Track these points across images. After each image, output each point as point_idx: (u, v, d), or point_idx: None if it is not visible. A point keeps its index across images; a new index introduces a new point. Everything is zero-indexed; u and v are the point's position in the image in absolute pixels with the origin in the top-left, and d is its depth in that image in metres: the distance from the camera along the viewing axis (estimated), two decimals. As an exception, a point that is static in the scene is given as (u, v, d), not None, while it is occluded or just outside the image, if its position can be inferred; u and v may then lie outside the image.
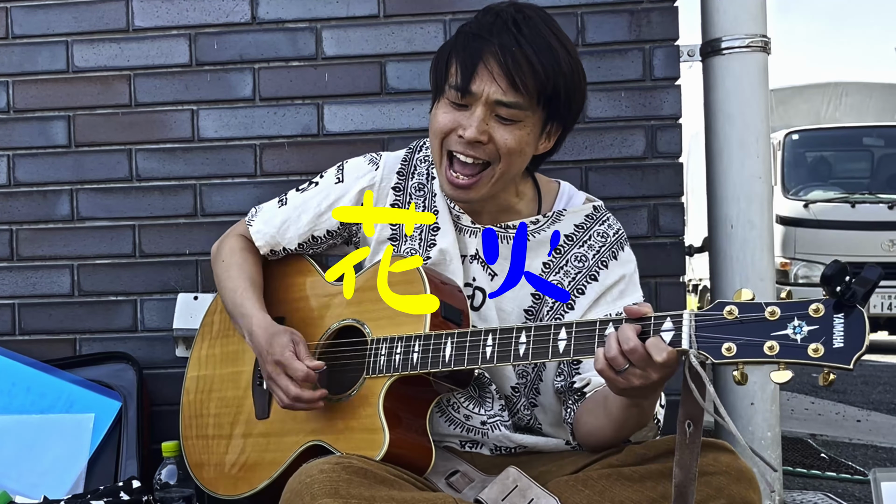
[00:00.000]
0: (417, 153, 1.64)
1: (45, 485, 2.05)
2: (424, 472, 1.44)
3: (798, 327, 1.07)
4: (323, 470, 1.26)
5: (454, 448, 1.56)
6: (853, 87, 9.80)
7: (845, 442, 3.52)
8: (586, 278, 1.53)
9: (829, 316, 1.06)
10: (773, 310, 1.09)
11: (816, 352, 1.05)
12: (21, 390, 2.18)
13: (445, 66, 1.45)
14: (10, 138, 2.39)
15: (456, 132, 1.43)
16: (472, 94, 1.40)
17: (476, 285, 1.55)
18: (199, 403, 1.78)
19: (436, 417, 1.55)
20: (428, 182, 1.60)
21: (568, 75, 1.42)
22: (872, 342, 7.43)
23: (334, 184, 1.65)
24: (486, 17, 1.43)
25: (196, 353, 1.82)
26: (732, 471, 1.27)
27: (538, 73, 1.38)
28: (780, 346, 1.07)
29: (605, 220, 1.57)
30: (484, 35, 1.40)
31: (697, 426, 1.15)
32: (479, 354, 1.34)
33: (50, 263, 2.38)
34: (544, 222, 1.55)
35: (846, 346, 1.04)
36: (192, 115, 2.34)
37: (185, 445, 1.78)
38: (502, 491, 1.38)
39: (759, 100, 2.21)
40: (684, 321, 1.15)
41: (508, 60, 1.37)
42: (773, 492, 2.17)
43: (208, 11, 2.34)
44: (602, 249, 1.54)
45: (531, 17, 1.43)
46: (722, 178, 2.22)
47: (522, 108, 1.41)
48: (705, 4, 2.26)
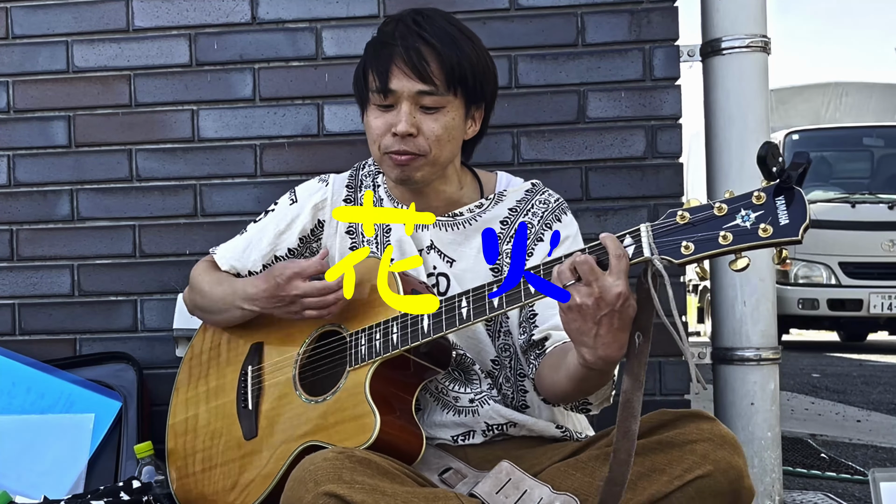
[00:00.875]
0: (362, 170, 1.75)
1: (45, 485, 2.05)
2: (416, 459, 1.45)
3: (745, 215, 1.15)
4: (327, 458, 1.28)
5: (447, 445, 1.58)
6: (853, 87, 9.81)
7: (845, 442, 3.52)
8: (534, 241, 1.60)
9: (771, 200, 1.14)
10: (720, 206, 1.17)
11: (766, 231, 1.13)
12: (21, 390, 2.18)
13: (364, 78, 1.57)
14: (11, 138, 2.39)
15: (389, 131, 1.53)
16: (392, 91, 1.51)
17: (438, 272, 1.62)
18: (186, 444, 1.76)
19: (430, 405, 1.58)
20: (374, 191, 1.70)
21: (473, 58, 1.53)
22: (872, 342, 7.48)
23: (289, 205, 1.73)
24: (388, 26, 1.56)
25: (175, 399, 1.82)
26: (715, 437, 1.31)
27: (443, 59, 1.50)
28: (732, 234, 1.16)
29: (545, 191, 1.67)
30: (388, 41, 1.53)
31: (646, 337, 1.24)
32: (455, 316, 1.39)
33: (50, 263, 2.38)
34: (488, 204, 1.64)
35: (791, 222, 1.12)
36: (193, 115, 2.34)
37: (175, 487, 1.75)
38: (496, 485, 1.40)
39: (759, 100, 2.21)
40: (642, 232, 1.22)
41: (413, 56, 1.49)
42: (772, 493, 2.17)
43: (208, 11, 2.34)
44: (545, 214, 1.63)
45: (430, 16, 1.55)
46: (722, 179, 2.22)
47: (440, 94, 1.51)
48: (705, 4, 2.26)
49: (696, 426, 1.33)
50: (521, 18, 2.27)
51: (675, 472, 1.30)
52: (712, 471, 1.28)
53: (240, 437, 1.65)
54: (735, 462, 1.29)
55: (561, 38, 2.26)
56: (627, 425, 1.23)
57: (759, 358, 2.17)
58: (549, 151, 2.26)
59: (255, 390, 1.65)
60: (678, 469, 1.30)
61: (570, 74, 2.27)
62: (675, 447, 1.31)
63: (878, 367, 6.92)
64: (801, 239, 1.13)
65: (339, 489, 1.22)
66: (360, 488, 1.23)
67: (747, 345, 2.18)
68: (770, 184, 1.15)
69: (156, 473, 1.80)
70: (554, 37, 2.26)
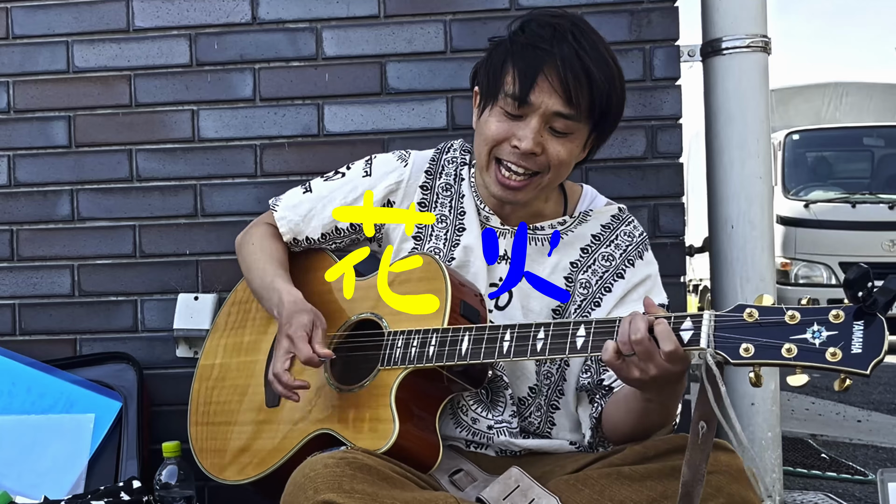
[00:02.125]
0: (445, 154, 1.66)
1: (45, 485, 2.05)
2: (430, 469, 1.44)
3: (817, 332, 1.08)
4: (327, 465, 1.27)
5: (459, 448, 1.57)
6: (853, 87, 9.79)
7: (846, 442, 3.52)
8: (613, 276, 1.55)
9: (849, 322, 1.07)
10: (793, 314, 1.10)
11: (834, 356, 1.06)
12: (21, 390, 2.18)
13: (500, 72, 1.44)
14: (11, 138, 2.39)
15: (509, 142, 1.45)
16: (529, 104, 1.41)
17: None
18: (210, 391, 1.78)
19: (446, 418, 1.56)
20: (455, 182, 1.62)
21: (620, 92, 1.45)
22: (873, 342, 7.25)
23: (362, 177, 1.65)
24: (543, 30, 1.42)
25: (212, 342, 1.83)
26: (732, 470, 1.28)
27: (597, 87, 1.40)
28: (797, 348, 1.08)
29: (631, 222, 1.61)
30: (543, 46, 1.40)
31: (711, 427, 1.16)
32: (496, 348, 1.35)
33: (50, 263, 2.38)
34: (571, 223, 1.58)
35: (864, 353, 1.05)
36: (193, 115, 2.34)
37: (191, 432, 1.78)
38: (504, 490, 1.39)
39: (759, 100, 2.21)
40: (704, 320, 1.16)
41: (569, 74, 1.38)
42: (769, 496, 2.17)
43: (208, 11, 2.34)
44: (629, 249, 1.57)
45: (587, 31, 1.43)
46: (722, 179, 2.22)
47: (577, 120, 1.43)
48: (705, 4, 2.26)
49: (713, 456, 1.27)
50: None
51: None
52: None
53: (262, 402, 1.65)
54: (749, 497, 1.27)
55: (561, 38, 2.26)
56: None
57: (760, 358, 2.17)
58: (549, 151, 2.26)
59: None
60: None
61: (570, 74, 2.26)
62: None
63: (879, 367, 6.91)
64: (869, 374, 1.05)
65: (338, 498, 1.21)
66: (359, 498, 1.22)
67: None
68: (850, 304, 1.08)
69: (178, 475, 1.80)
70: (554, 37, 2.26)
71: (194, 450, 1.76)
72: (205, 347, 1.84)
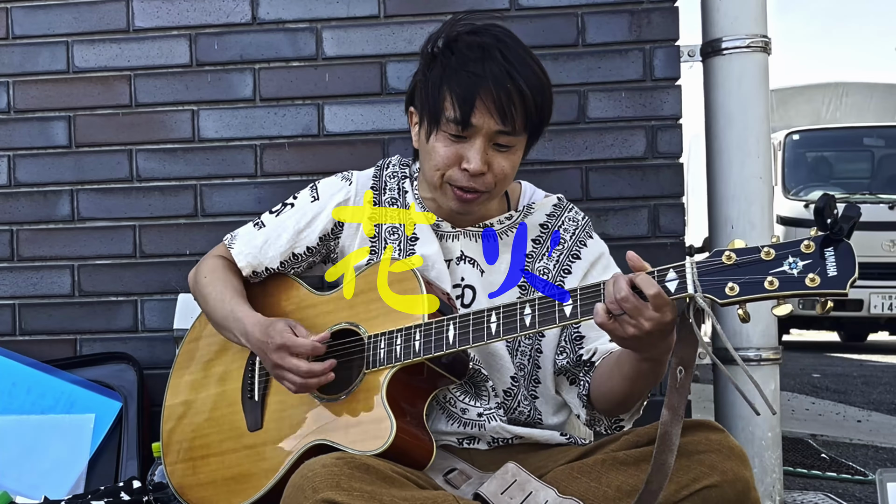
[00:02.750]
0: (385, 170, 1.71)
1: (45, 485, 2.05)
2: (424, 466, 1.45)
3: (793, 263, 1.16)
4: (325, 465, 1.27)
5: (452, 446, 1.57)
6: (854, 88, 9.80)
7: (846, 442, 3.51)
8: (569, 258, 1.62)
9: (820, 250, 1.14)
10: (769, 250, 1.17)
11: (813, 281, 1.13)
12: (22, 391, 2.18)
13: (438, 98, 1.49)
14: (11, 139, 2.39)
15: (459, 164, 1.50)
16: (472, 126, 1.47)
17: (465, 284, 1.60)
18: (179, 430, 1.74)
19: (435, 414, 1.57)
20: (400, 196, 1.66)
21: (550, 99, 1.53)
22: (873, 342, 7.46)
23: (310, 202, 1.69)
24: (472, 51, 1.47)
25: (175, 381, 1.79)
26: (723, 448, 1.32)
27: (530, 102, 1.47)
28: (779, 280, 1.16)
29: (572, 208, 1.68)
30: (475, 70, 1.46)
31: (688, 371, 1.24)
32: (483, 331, 1.39)
33: (50, 264, 2.38)
34: (517, 216, 1.64)
35: (840, 274, 1.13)
36: (193, 115, 2.34)
37: (168, 472, 1.72)
38: (501, 485, 1.40)
39: (759, 100, 2.21)
40: (687, 268, 1.22)
41: (502, 96, 1.45)
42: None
43: (209, 12, 2.34)
44: (577, 231, 1.64)
45: (512, 46, 1.49)
46: (722, 179, 2.22)
47: (517, 134, 1.50)
48: (705, 5, 2.26)
49: (705, 436, 1.33)
50: (521, 18, 2.27)
51: (682, 480, 1.29)
52: (720, 481, 1.29)
53: (243, 428, 1.63)
54: (743, 474, 1.30)
55: (561, 38, 2.26)
56: (664, 458, 1.23)
57: (760, 358, 2.17)
58: (549, 151, 2.26)
59: (262, 382, 1.64)
60: (686, 478, 1.29)
61: (570, 74, 2.27)
62: (683, 456, 1.30)
63: (879, 367, 6.91)
64: (847, 292, 1.13)
65: (338, 496, 1.22)
66: (358, 495, 1.22)
67: (748, 345, 2.18)
68: (819, 234, 1.15)
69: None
70: (554, 37, 2.26)
71: (175, 487, 1.69)
72: (168, 388, 1.79)
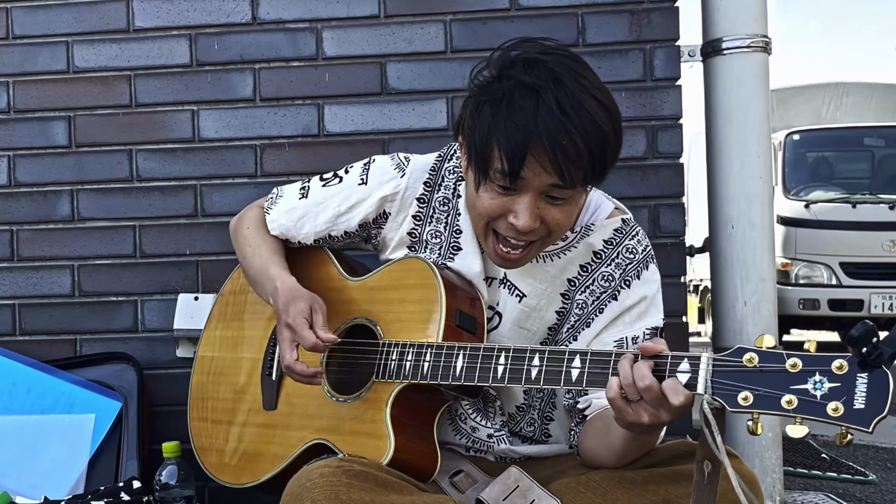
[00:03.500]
0: (447, 162, 1.58)
1: (45, 485, 2.05)
2: (429, 478, 1.43)
3: (819, 383, 1.04)
4: (323, 474, 1.25)
5: (459, 451, 1.57)
6: (854, 88, 9.79)
7: (846, 442, 3.51)
8: (609, 297, 1.50)
9: (853, 374, 1.02)
10: (795, 362, 1.06)
11: (836, 411, 1.02)
12: (22, 391, 2.18)
13: (486, 147, 1.33)
14: (11, 139, 2.39)
15: (506, 218, 1.37)
16: (522, 179, 1.32)
17: (498, 310, 1.53)
18: (207, 385, 1.77)
19: (444, 424, 1.55)
20: (454, 198, 1.55)
21: (613, 144, 1.33)
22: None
23: (357, 184, 1.60)
24: (523, 98, 1.28)
25: (209, 332, 1.81)
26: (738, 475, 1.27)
27: (590, 157, 1.30)
28: (798, 400, 1.04)
29: (635, 235, 1.52)
30: (527, 124, 1.27)
31: (715, 467, 1.13)
32: (490, 373, 1.32)
33: (50, 264, 2.38)
34: (572, 238, 1.50)
35: (867, 408, 1.01)
36: (193, 115, 2.34)
37: (191, 426, 1.78)
38: (504, 491, 1.39)
39: (759, 100, 2.21)
40: (702, 365, 1.12)
41: (558, 154, 1.28)
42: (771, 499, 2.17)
43: (209, 11, 2.34)
44: (629, 268, 1.50)
45: (567, 86, 1.29)
46: (723, 179, 2.22)
47: (574, 188, 1.35)
48: (706, 5, 2.25)
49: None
50: (521, 18, 2.26)
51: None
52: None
53: (259, 404, 1.65)
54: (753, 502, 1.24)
55: (561, 38, 2.25)
56: None
57: (760, 358, 2.17)
58: (549, 151, 2.26)
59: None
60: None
61: (570, 74, 2.26)
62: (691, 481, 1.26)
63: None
64: (871, 432, 1.01)
65: None
66: None
67: (748, 345, 2.17)
68: (853, 356, 1.03)
69: (178, 475, 1.80)
70: (554, 37, 2.21)
71: (195, 446, 1.75)
72: (202, 338, 1.83)
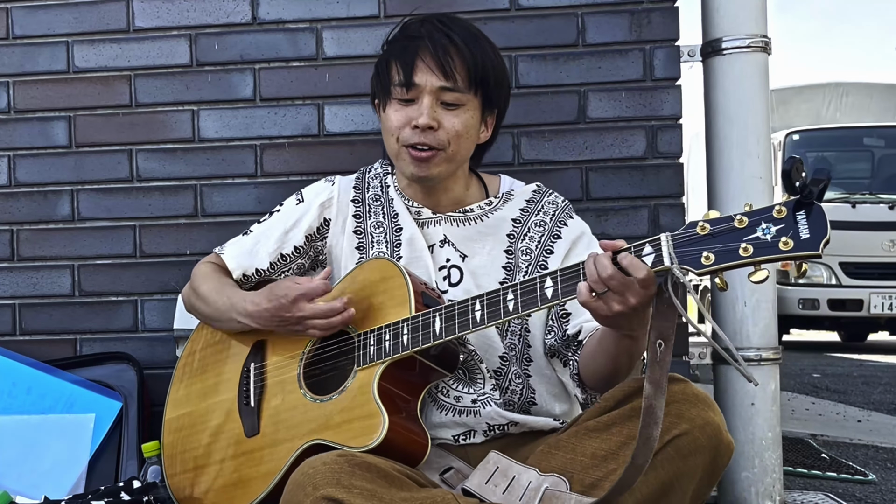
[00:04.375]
0: (367, 173, 1.76)
1: (45, 485, 2.05)
2: (420, 461, 1.46)
3: (766, 229, 1.16)
4: (326, 462, 1.28)
5: (448, 444, 1.58)
6: (854, 88, 9.80)
7: (846, 442, 3.51)
8: (550, 238, 1.65)
9: (792, 214, 1.16)
10: (741, 218, 1.18)
11: (787, 245, 1.14)
12: (22, 391, 2.18)
13: (386, 70, 1.60)
14: (11, 139, 2.39)
15: (409, 125, 1.56)
16: (416, 86, 1.55)
17: (451, 264, 1.64)
18: (177, 442, 1.76)
19: (428, 407, 1.58)
20: (383, 191, 1.72)
21: (494, 61, 1.60)
22: (873, 342, 7.45)
23: (295, 205, 1.74)
24: (414, 24, 1.61)
25: (173, 395, 1.81)
26: (688, 396, 1.33)
27: (468, 58, 1.55)
28: (753, 247, 1.16)
29: (552, 193, 1.71)
30: (414, 35, 1.58)
31: (668, 344, 1.24)
32: (468, 319, 1.41)
33: (50, 264, 2.38)
34: (497, 202, 1.68)
35: (812, 236, 1.14)
36: (193, 115, 2.34)
37: (170, 484, 1.75)
38: (485, 475, 1.41)
39: (759, 100, 2.21)
40: (662, 242, 1.23)
41: (439, 51, 1.54)
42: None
43: (209, 12, 2.34)
44: (556, 213, 1.67)
45: (454, 19, 1.62)
46: (722, 179, 2.22)
47: (462, 90, 1.56)
48: (705, 5, 2.26)
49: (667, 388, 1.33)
50: (521, 18, 2.27)
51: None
52: (689, 429, 1.30)
53: (240, 434, 1.65)
54: (710, 418, 1.31)
55: (561, 39, 2.26)
56: (649, 431, 1.23)
57: (760, 358, 2.17)
58: (549, 151, 2.26)
59: (257, 388, 1.65)
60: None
61: (570, 74, 2.27)
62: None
63: (879, 367, 6.91)
64: (821, 253, 1.14)
65: (338, 493, 1.23)
66: (358, 493, 1.23)
67: (748, 345, 2.18)
68: (790, 198, 1.17)
69: (161, 473, 1.81)
70: (554, 37, 2.26)
71: (177, 499, 1.72)
72: (167, 403, 1.82)
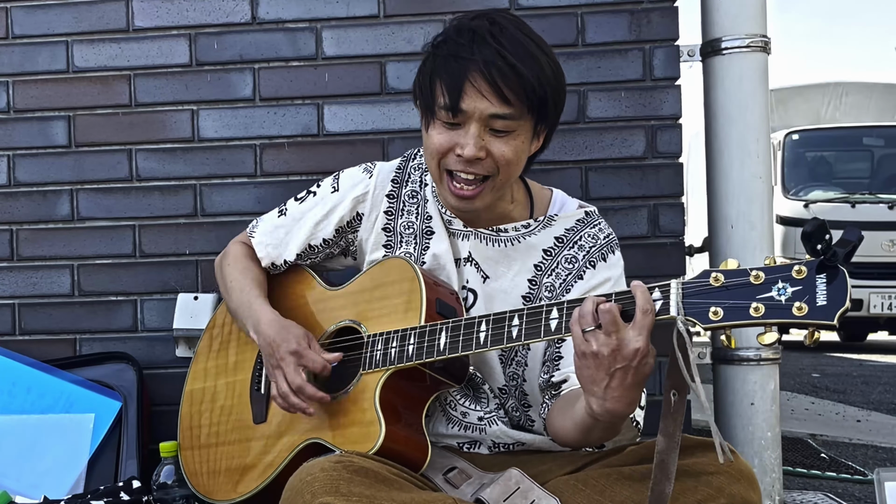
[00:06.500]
0: (412, 161, 1.68)
1: (45, 485, 2.05)
2: (420, 468, 1.45)
3: (782, 289, 1.10)
4: (324, 468, 1.27)
5: (453, 447, 1.57)
6: (853, 87, 9.79)
7: (845, 442, 3.51)
8: (574, 278, 1.55)
9: (812, 277, 1.08)
10: (758, 274, 1.11)
11: (800, 310, 1.07)
12: (21, 390, 2.18)
13: (430, 89, 1.45)
14: (11, 138, 2.39)
15: (454, 151, 1.45)
16: (463, 112, 1.42)
17: (469, 287, 1.58)
18: (196, 415, 1.78)
19: (436, 416, 1.57)
20: (421, 189, 1.63)
21: (552, 79, 1.44)
22: (872, 342, 7.46)
23: (330, 193, 1.68)
24: (462, 37, 1.42)
25: (197, 366, 1.84)
26: (733, 471, 1.28)
27: (525, 81, 1.40)
28: (765, 307, 1.10)
29: (597, 224, 1.60)
30: (464, 54, 1.40)
31: (682, 396, 1.18)
32: (472, 340, 1.37)
33: (50, 263, 2.38)
34: (535, 226, 1.58)
35: (829, 304, 1.06)
36: (192, 115, 2.34)
37: (182, 456, 1.78)
38: (504, 492, 1.39)
39: (759, 100, 2.21)
40: (672, 289, 1.17)
41: (494, 74, 1.38)
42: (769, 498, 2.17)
43: (208, 11, 2.34)
44: (592, 250, 1.56)
45: (506, 28, 1.42)
46: (722, 179, 2.22)
47: (515, 118, 1.43)
48: (705, 4, 2.26)
49: (713, 457, 1.24)
50: (521, 18, 2.26)
51: (687, 502, 1.26)
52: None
53: (249, 420, 1.66)
54: (750, 498, 1.26)
55: (561, 38, 2.26)
56: (661, 488, 1.19)
57: (759, 358, 2.17)
58: (549, 151, 2.22)
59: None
60: (691, 499, 1.26)
61: (570, 74, 2.24)
62: (690, 477, 1.27)
63: (878, 367, 6.92)
64: (836, 324, 1.06)
65: (336, 501, 1.22)
66: (356, 500, 1.22)
67: (747, 344, 2.18)
68: (813, 259, 1.09)
69: (174, 474, 1.80)
70: (554, 37, 2.26)
71: (186, 474, 1.75)
72: (190, 372, 1.84)
